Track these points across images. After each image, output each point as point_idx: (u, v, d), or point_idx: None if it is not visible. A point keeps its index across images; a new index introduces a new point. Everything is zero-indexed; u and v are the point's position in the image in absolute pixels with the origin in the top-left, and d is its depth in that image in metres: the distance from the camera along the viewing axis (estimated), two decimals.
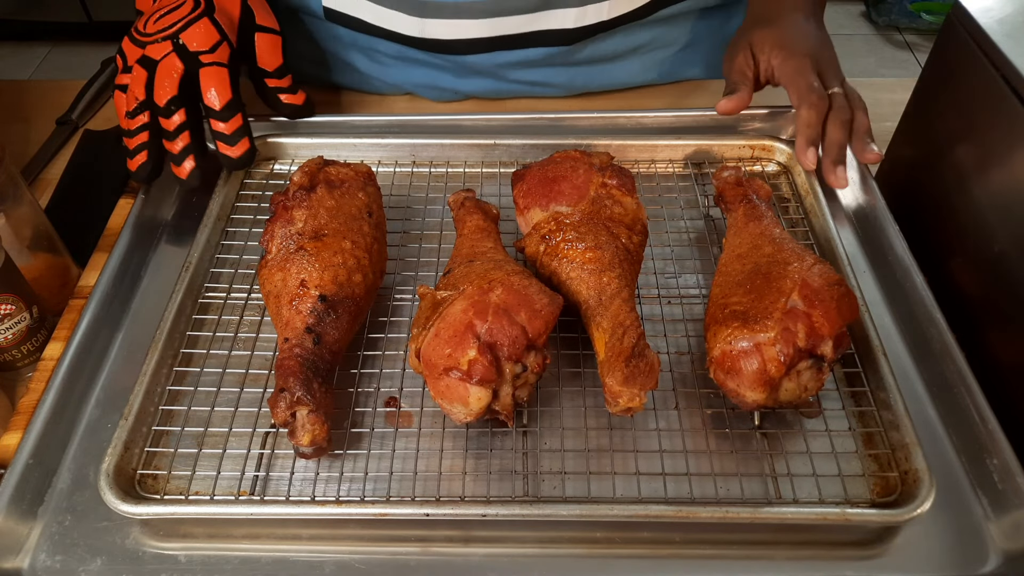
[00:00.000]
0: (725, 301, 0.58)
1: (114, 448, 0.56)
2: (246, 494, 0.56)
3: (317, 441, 0.55)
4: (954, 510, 0.55)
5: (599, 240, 0.62)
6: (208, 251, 0.70)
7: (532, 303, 0.56)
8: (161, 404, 0.60)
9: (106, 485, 0.54)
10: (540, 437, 0.59)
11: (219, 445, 0.58)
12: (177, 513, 0.54)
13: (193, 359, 0.64)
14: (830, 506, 0.53)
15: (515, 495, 0.55)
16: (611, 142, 0.79)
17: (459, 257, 0.63)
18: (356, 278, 0.61)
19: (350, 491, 0.56)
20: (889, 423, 0.58)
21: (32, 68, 2.64)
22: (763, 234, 0.63)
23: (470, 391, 0.54)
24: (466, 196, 0.70)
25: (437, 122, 0.83)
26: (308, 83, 0.88)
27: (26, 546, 0.55)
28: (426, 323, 0.57)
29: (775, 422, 0.60)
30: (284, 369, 0.56)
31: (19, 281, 0.63)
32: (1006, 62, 0.61)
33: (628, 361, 0.55)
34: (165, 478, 0.57)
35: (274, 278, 0.61)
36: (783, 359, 0.54)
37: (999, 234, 0.63)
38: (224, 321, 0.66)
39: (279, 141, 0.80)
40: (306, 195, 0.63)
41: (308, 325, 0.58)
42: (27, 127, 0.89)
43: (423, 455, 0.58)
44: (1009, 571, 0.53)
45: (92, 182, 0.82)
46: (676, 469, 0.57)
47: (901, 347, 0.65)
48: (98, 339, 0.66)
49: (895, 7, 2.70)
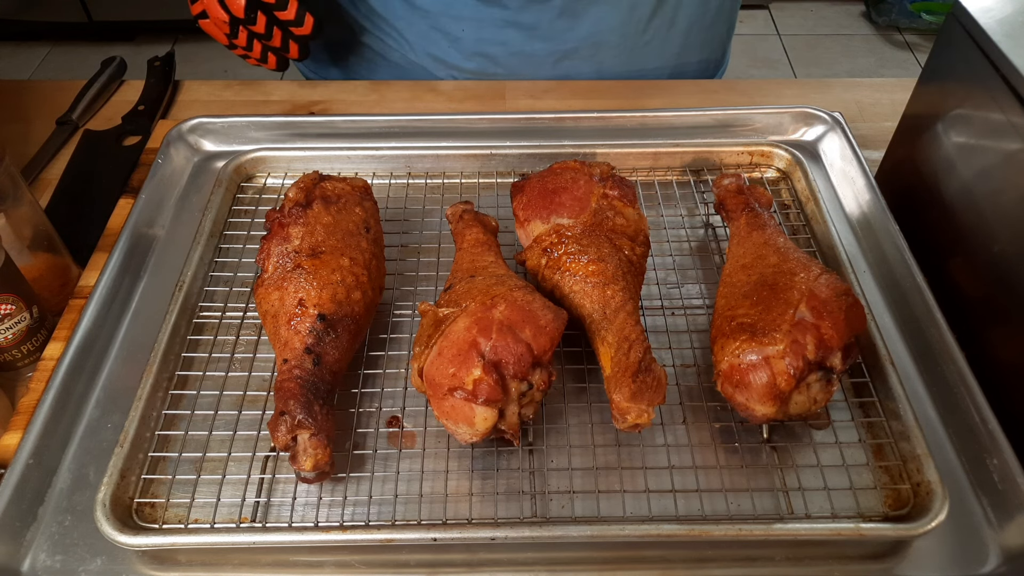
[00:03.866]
0: (732, 313, 0.57)
1: (110, 477, 0.54)
2: (247, 521, 0.55)
3: (319, 465, 0.54)
4: (955, 510, 0.55)
5: (602, 252, 0.61)
6: (201, 268, 0.69)
7: (537, 319, 0.55)
8: (157, 429, 0.59)
9: (103, 516, 0.52)
10: (547, 455, 0.58)
11: (218, 471, 0.57)
12: (177, 544, 0.52)
13: (189, 381, 0.63)
14: (843, 521, 0.52)
15: (523, 516, 0.54)
16: (609, 150, 0.78)
17: (460, 272, 0.62)
18: (355, 296, 0.60)
19: (354, 516, 0.55)
20: (899, 434, 0.57)
21: (32, 68, 2.62)
22: (767, 243, 0.62)
23: (476, 411, 0.52)
24: (464, 208, 0.69)
25: (434, 123, 0.82)
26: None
27: (26, 546, 0.54)
28: (428, 341, 0.56)
29: (784, 435, 0.59)
30: (284, 391, 0.55)
31: (19, 281, 0.62)
32: (1006, 62, 0.60)
33: (635, 376, 0.54)
34: (163, 506, 0.56)
35: (271, 298, 0.59)
36: (793, 372, 0.53)
37: (999, 234, 0.63)
38: (220, 341, 0.65)
39: (271, 155, 0.79)
40: (302, 211, 0.62)
41: (307, 346, 0.57)
42: (27, 127, 0.89)
43: (428, 476, 0.57)
44: (1009, 571, 0.52)
45: (92, 182, 0.82)
46: (686, 486, 0.56)
47: (902, 348, 0.65)
48: (98, 339, 0.65)
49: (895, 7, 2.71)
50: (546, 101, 0.91)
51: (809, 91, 0.94)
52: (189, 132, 0.82)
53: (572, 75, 0.95)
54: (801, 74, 2.67)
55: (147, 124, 0.88)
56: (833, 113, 0.82)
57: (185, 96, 0.94)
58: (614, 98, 0.92)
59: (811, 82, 0.97)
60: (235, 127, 0.82)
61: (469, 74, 0.95)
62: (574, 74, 0.95)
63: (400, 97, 0.92)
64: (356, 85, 0.95)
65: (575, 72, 0.95)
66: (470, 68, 0.95)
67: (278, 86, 0.95)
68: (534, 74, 0.95)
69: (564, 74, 0.95)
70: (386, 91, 0.93)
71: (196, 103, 0.93)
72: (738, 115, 0.83)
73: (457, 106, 0.91)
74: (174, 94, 0.95)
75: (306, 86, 0.96)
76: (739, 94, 0.93)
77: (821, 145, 0.82)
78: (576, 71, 0.95)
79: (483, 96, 0.92)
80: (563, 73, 0.95)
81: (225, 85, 0.95)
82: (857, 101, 0.92)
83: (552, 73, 0.95)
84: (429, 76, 0.97)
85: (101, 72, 0.95)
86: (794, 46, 2.79)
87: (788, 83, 1.09)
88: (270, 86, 0.94)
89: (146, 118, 0.88)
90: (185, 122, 0.82)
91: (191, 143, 0.82)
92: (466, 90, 0.93)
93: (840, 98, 0.92)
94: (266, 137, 0.82)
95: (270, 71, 0.88)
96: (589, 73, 0.95)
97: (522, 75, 0.95)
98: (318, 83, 0.97)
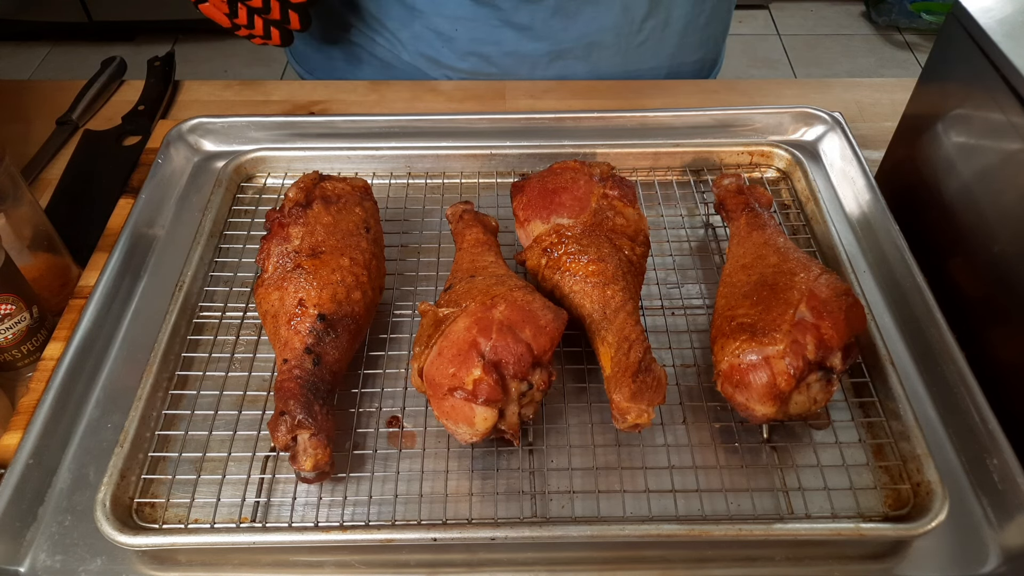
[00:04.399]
0: (732, 313, 0.57)
1: (110, 477, 0.54)
2: (247, 521, 0.55)
3: (320, 465, 0.54)
4: (955, 510, 0.54)
5: (602, 252, 0.61)
6: (201, 269, 0.69)
7: (537, 319, 0.55)
8: (157, 429, 0.59)
9: (103, 516, 0.52)
10: (547, 455, 0.58)
11: (218, 471, 0.57)
12: (177, 544, 0.52)
13: (189, 381, 0.63)
14: (843, 521, 0.52)
15: (523, 516, 0.54)
16: (609, 150, 0.78)
17: (460, 272, 0.62)
18: (355, 296, 0.60)
19: (354, 516, 0.55)
20: (899, 434, 0.57)
21: (32, 68, 2.62)
22: (767, 243, 0.62)
23: (476, 411, 0.52)
24: (464, 208, 0.69)
25: (434, 123, 0.82)
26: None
27: (26, 546, 0.54)
28: (428, 341, 0.56)
29: (784, 435, 0.59)
30: (284, 391, 0.55)
31: (19, 281, 0.62)
32: (1006, 62, 0.60)
33: (635, 376, 0.54)
34: (163, 506, 0.56)
35: (271, 298, 0.59)
36: (793, 372, 0.53)
37: (999, 234, 0.63)
38: (220, 341, 0.65)
39: (271, 155, 0.79)
40: (302, 211, 0.62)
41: (307, 346, 0.57)
42: (27, 127, 0.89)
43: (428, 476, 0.57)
44: (1009, 571, 0.52)
45: (92, 182, 0.82)
46: (686, 486, 0.56)
47: (902, 348, 0.65)
48: (98, 339, 0.65)
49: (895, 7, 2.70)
50: (546, 101, 0.91)
51: (809, 91, 0.94)
52: (189, 132, 0.82)
53: (567, 75, 0.95)
54: (801, 74, 2.67)
55: (147, 124, 0.88)
56: (833, 113, 0.82)
57: (185, 96, 0.94)
58: (614, 98, 0.92)
59: (811, 82, 0.97)
60: (235, 127, 0.82)
61: (463, 74, 0.95)
62: (569, 74, 0.95)
63: (400, 97, 0.92)
64: (356, 85, 0.95)
65: (570, 72, 0.95)
66: (464, 68, 0.95)
67: (278, 86, 0.95)
68: (529, 74, 0.95)
69: (559, 74, 0.95)
70: (386, 91, 0.93)
71: (196, 103, 0.93)
72: (738, 115, 0.83)
73: (457, 106, 0.91)
74: (174, 94, 0.95)
75: (306, 86, 0.96)
76: (739, 94, 0.94)
77: (821, 145, 0.82)
78: (571, 71, 0.95)
79: (483, 96, 0.92)
80: (558, 73, 0.95)
81: (225, 85, 0.95)
82: (857, 101, 0.92)
83: (547, 73, 0.95)
84: (423, 76, 0.97)
85: (101, 72, 0.95)
86: (794, 46, 2.79)
87: (788, 83, 1.09)
88: (270, 86, 0.94)
89: (146, 118, 0.89)
90: (185, 122, 0.82)
91: (191, 143, 0.82)
92: (466, 90, 0.93)
93: (840, 98, 0.92)
94: (266, 137, 0.82)
95: (269, 73, 0.88)
96: (584, 73, 0.95)
97: (517, 75, 0.95)
98: (318, 83, 0.97)
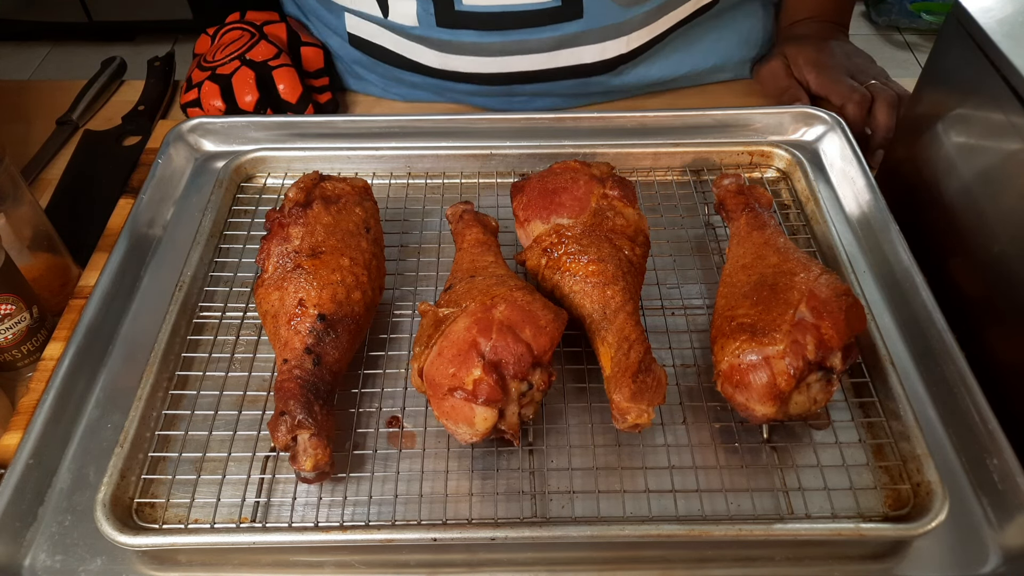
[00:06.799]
0: (732, 313, 0.57)
1: (110, 477, 0.54)
2: (247, 521, 0.55)
3: (320, 465, 0.54)
4: (955, 510, 0.54)
5: (602, 252, 0.61)
6: (201, 269, 0.69)
7: (537, 319, 0.55)
8: (157, 429, 0.59)
9: (103, 516, 0.52)
10: (547, 455, 0.58)
11: (218, 471, 0.57)
12: (177, 543, 0.52)
13: (189, 381, 0.63)
14: (843, 521, 0.52)
15: (523, 516, 0.54)
16: (608, 150, 0.78)
17: (460, 272, 0.62)
18: (355, 296, 0.60)
19: (354, 516, 0.55)
20: (899, 434, 0.57)
21: (32, 68, 2.61)
22: (767, 243, 0.62)
23: (476, 411, 0.52)
24: (464, 208, 0.69)
25: (434, 123, 0.82)
26: None
27: (26, 546, 0.54)
28: (428, 341, 0.56)
29: (784, 435, 0.59)
30: (284, 392, 0.55)
31: (19, 281, 0.62)
32: (1006, 62, 0.60)
33: (635, 376, 0.54)
34: (163, 506, 0.56)
35: (271, 298, 0.59)
36: (793, 372, 0.53)
37: (999, 234, 0.63)
38: (220, 341, 0.65)
39: (271, 155, 0.79)
40: (302, 211, 0.62)
41: (307, 346, 0.57)
42: (27, 127, 0.89)
43: (428, 477, 0.57)
44: (1009, 571, 0.52)
45: (92, 182, 0.82)
46: (686, 486, 0.56)
47: (902, 348, 0.65)
48: (98, 339, 0.65)
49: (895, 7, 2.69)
50: None
51: None
52: (189, 132, 0.82)
53: None
54: None
55: (147, 124, 0.88)
56: (833, 113, 0.82)
57: None
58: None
59: None
60: (235, 127, 0.82)
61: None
62: None
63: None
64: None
65: None
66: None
67: None
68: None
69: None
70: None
71: None
72: (738, 115, 0.83)
73: (457, 106, 0.91)
74: (174, 94, 0.95)
75: None
76: (739, 94, 0.94)
77: (821, 145, 0.82)
78: None
79: None
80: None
81: None
82: None
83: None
84: None
85: (101, 72, 0.95)
86: None
87: None
88: None
89: (146, 118, 0.89)
90: (185, 122, 0.82)
91: (191, 143, 0.82)
92: None
93: None
94: (266, 137, 0.82)
95: None
96: None
97: None
98: None
